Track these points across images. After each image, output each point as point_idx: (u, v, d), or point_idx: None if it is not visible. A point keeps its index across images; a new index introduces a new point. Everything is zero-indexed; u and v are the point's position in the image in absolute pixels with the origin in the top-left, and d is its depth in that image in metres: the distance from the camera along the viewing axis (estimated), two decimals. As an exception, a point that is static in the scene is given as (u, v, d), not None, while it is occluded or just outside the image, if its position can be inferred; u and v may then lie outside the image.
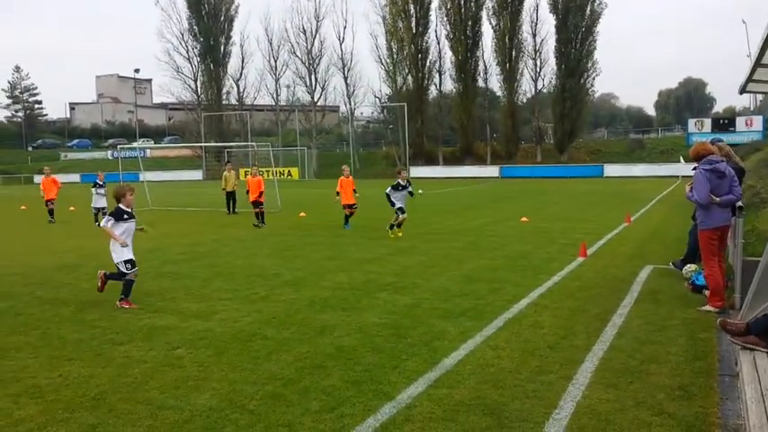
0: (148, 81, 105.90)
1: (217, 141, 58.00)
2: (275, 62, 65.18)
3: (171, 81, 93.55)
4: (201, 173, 63.67)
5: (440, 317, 6.92)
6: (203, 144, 58.69)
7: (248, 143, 44.06)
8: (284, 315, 7.15)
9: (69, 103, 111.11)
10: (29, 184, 61.42)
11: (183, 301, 7.99)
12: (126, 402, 4.65)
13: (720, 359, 5.36)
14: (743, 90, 11.74)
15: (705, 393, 4.61)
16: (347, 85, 62.88)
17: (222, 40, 65.94)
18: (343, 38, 63.16)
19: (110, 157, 71.37)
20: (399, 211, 13.75)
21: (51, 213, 20.18)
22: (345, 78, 62.71)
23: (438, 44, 59.40)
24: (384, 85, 62.85)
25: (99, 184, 18.81)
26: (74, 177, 63.04)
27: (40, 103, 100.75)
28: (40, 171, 23.31)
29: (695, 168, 7.09)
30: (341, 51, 62.61)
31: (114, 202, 7.96)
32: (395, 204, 13.76)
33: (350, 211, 15.95)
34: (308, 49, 62.74)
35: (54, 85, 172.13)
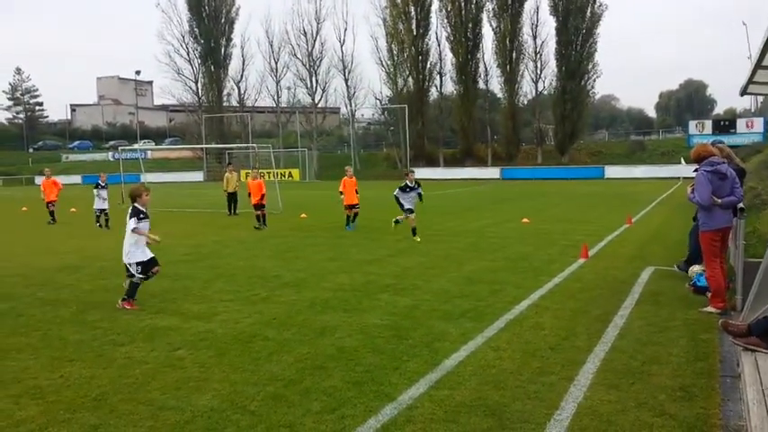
0: (149, 83, 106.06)
1: (218, 143, 58.05)
2: (276, 64, 65.33)
3: (172, 83, 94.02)
4: (202, 174, 63.69)
5: (440, 318, 6.92)
6: (204, 146, 58.78)
7: (249, 145, 44.03)
8: (285, 316, 7.16)
9: (70, 105, 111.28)
10: (30, 185, 61.44)
11: (185, 302, 8.00)
12: (127, 403, 4.65)
13: (722, 360, 5.36)
14: (743, 92, 11.76)
15: (707, 394, 4.61)
16: (348, 86, 63.02)
17: (223, 42, 66.01)
18: (344, 40, 63.31)
19: (111, 159, 71.47)
20: (408, 212, 13.57)
21: (52, 215, 20.19)
22: (346, 80, 62.84)
23: (438, 46, 59.52)
24: (385, 86, 63.00)
25: (101, 185, 18.80)
26: (75, 179, 63.06)
27: (41, 104, 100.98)
28: (41, 172, 23.29)
29: (696, 170, 7.10)
30: (341, 53, 62.70)
31: (130, 201, 7.97)
32: (403, 206, 13.62)
33: (352, 212, 15.96)
34: (308, 50, 62.85)
35: (55, 86, 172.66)
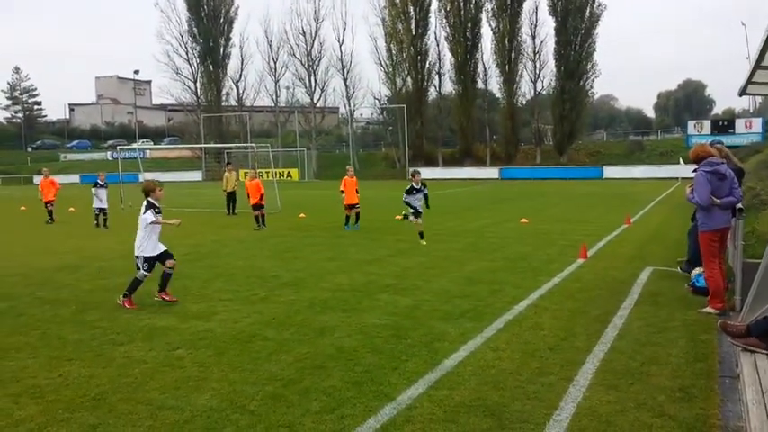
0: (148, 82, 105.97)
1: (216, 142, 57.94)
2: (275, 64, 65.18)
3: (170, 82, 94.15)
4: (201, 174, 63.66)
5: (440, 318, 6.93)
6: (203, 145, 58.71)
7: (248, 144, 44.01)
8: (284, 316, 7.16)
9: (69, 105, 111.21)
10: (28, 184, 61.31)
11: (184, 301, 7.99)
12: (126, 402, 4.65)
13: (721, 361, 5.36)
14: (742, 92, 11.76)
15: (706, 395, 4.61)
16: (347, 86, 62.86)
17: (222, 42, 65.88)
18: (343, 40, 63.17)
19: (109, 158, 71.37)
20: (413, 215, 13.18)
21: (50, 214, 20.16)
22: (345, 80, 62.71)
23: (437, 46, 59.42)
24: (383, 86, 62.96)
25: (100, 184, 18.77)
26: (73, 178, 62.99)
27: (39, 104, 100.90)
28: (40, 172, 23.24)
29: (695, 170, 7.11)
30: (340, 53, 62.57)
31: (143, 196, 8.05)
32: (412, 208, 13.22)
33: (352, 212, 15.93)
34: (307, 50, 62.74)
35: (53, 86, 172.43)
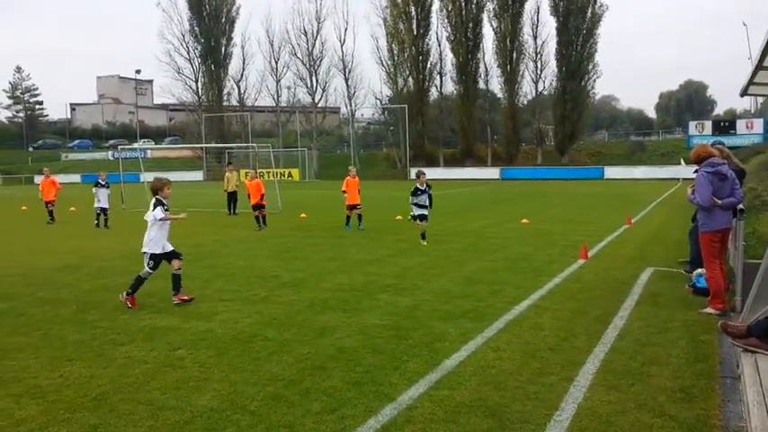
0: (149, 82, 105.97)
1: (217, 142, 57.98)
2: (276, 63, 65.27)
3: (172, 82, 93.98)
4: (202, 174, 63.68)
5: (441, 318, 6.92)
6: (204, 145, 58.73)
7: (249, 144, 44.01)
8: (285, 316, 7.16)
9: (70, 104, 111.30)
10: (29, 184, 61.37)
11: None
12: (127, 403, 4.65)
13: (722, 361, 5.36)
14: (744, 93, 11.77)
15: (706, 395, 4.61)
16: (348, 86, 62.97)
17: (223, 42, 65.98)
18: (344, 39, 63.20)
19: (110, 158, 71.42)
20: (421, 218, 12.97)
21: (51, 214, 20.15)
22: (346, 80, 62.80)
23: (439, 46, 59.52)
24: (385, 86, 62.97)
25: (101, 184, 18.77)
26: (74, 178, 63.04)
27: (40, 103, 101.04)
28: (41, 171, 23.25)
29: (697, 171, 7.11)
30: (342, 53, 62.66)
31: (151, 194, 7.99)
32: (416, 212, 13.03)
33: (354, 212, 15.92)
34: (308, 50, 62.82)
35: (55, 85, 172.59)
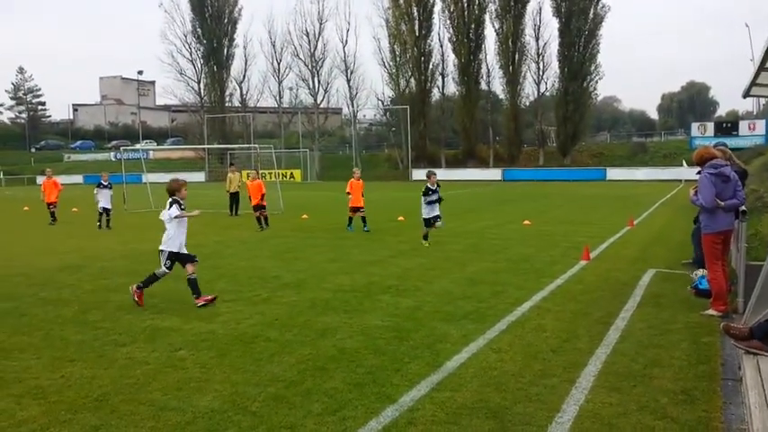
0: (152, 83, 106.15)
1: (220, 143, 58.04)
2: (278, 64, 65.32)
3: (174, 83, 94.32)
4: (204, 174, 63.72)
5: (442, 320, 6.92)
6: (206, 146, 58.81)
7: (251, 145, 44.01)
8: (286, 317, 7.16)
9: (72, 105, 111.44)
10: (32, 185, 61.52)
11: (186, 302, 7.98)
12: (128, 403, 4.65)
13: (724, 363, 5.34)
14: (746, 94, 11.75)
15: (708, 398, 4.59)
16: (350, 87, 62.93)
17: (225, 43, 66.05)
18: (346, 40, 63.10)
19: (113, 159, 71.45)
20: (433, 220, 12.75)
21: (53, 215, 20.17)
22: (348, 81, 62.77)
23: (441, 47, 59.48)
24: (387, 87, 62.82)
25: (103, 184, 18.75)
26: (77, 179, 63.15)
27: (43, 104, 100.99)
28: (43, 172, 23.26)
29: (700, 172, 7.10)
30: (344, 54, 62.60)
31: (167, 195, 8.00)
32: (431, 215, 12.74)
33: (357, 214, 15.89)
34: (310, 51, 62.83)
35: (57, 86, 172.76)
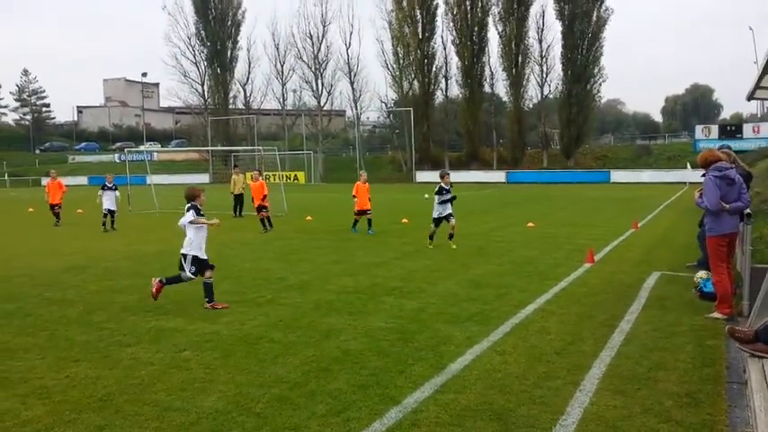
0: (156, 85, 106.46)
1: (224, 145, 58.11)
2: (282, 67, 65.36)
3: (178, 85, 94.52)
4: (208, 176, 63.82)
5: (446, 321, 6.91)
6: (210, 148, 58.86)
7: (255, 147, 44.07)
8: (290, 318, 7.17)
9: (77, 107, 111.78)
10: (36, 186, 61.60)
11: (190, 303, 8.01)
12: (133, 404, 4.66)
13: (728, 366, 5.33)
14: (750, 97, 11.73)
15: (713, 401, 4.58)
16: (353, 89, 62.90)
17: (229, 45, 66.11)
18: (350, 43, 63.51)
19: (117, 161, 71.63)
20: (445, 220, 12.64)
21: (58, 217, 20.22)
22: (352, 83, 62.76)
23: (444, 49, 59.38)
24: (390, 89, 62.90)
25: (108, 186, 18.77)
26: (81, 180, 63.39)
27: (47, 106, 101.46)
28: (48, 174, 23.34)
29: (704, 175, 7.08)
30: (347, 56, 62.62)
31: (186, 201, 8.18)
32: (442, 213, 12.63)
33: (362, 217, 15.87)
34: (314, 53, 62.89)
35: (62, 88, 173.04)
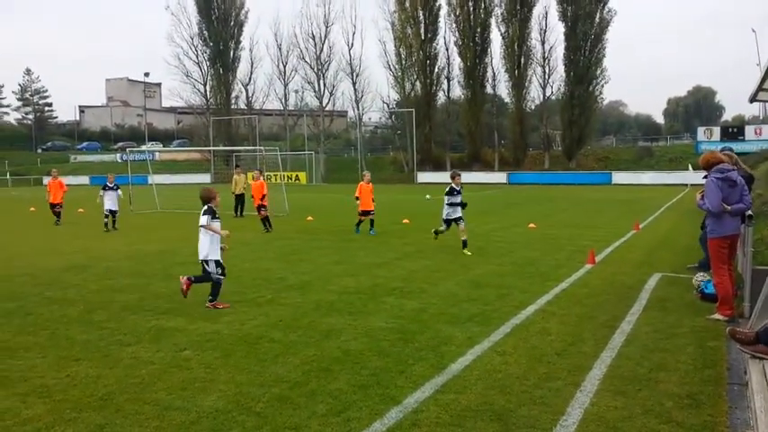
0: (158, 85, 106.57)
1: (225, 145, 58.24)
2: (284, 67, 65.38)
3: (180, 85, 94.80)
4: (210, 176, 63.85)
5: (447, 322, 6.91)
6: (212, 148, 58.92)
7: (257, 147, 44.11)
8: (291, 318, 7.17)
9: (79, 106, 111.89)
10: (38, 185, 61.70)
11: (191, 303, 8.00)
12: (133, 403, 4.67)
13: (729, 368, 5.32)
14: (753, 99, 11.68)
15: (714, 402, 4.58)
16: (356, 90, 62.89)
17: (232, 45, 66.20)
18: (352, 43, 63.42)
19: (119, 160, 71.72)
20: (455, 223, 12.42)
21: (58, 216, 20.24)
22: (354, 84, 62.76)
23: (446, 50, 59.34)
24: (392, 90, 62.82)
25: (109, 186, 18.78)
26: (83, 179, 63.46)
27: (50, 105, 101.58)
28: (49, 173, 23.36)
29: (706, 177, 7.07)
30: (349, 57, 62.65)
31: (202, 203, 8.01)
32: (452, 215, 12.48)
33: (366, 218, 15.86)
34: (316, 54, 62.94)
35: (64, 88, 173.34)
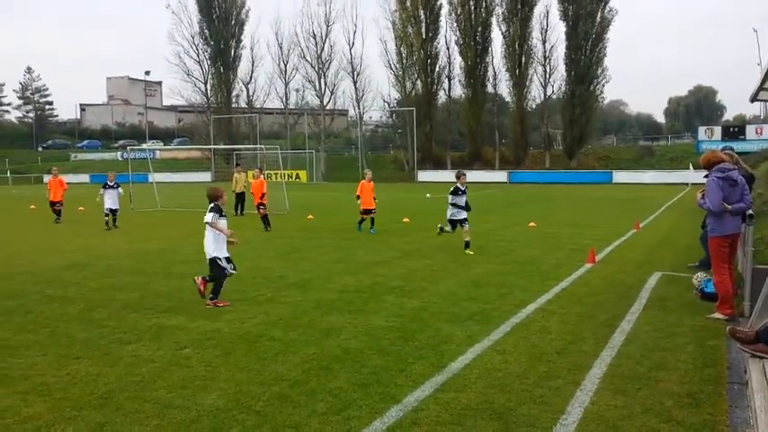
0: (159, 83, 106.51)
1: (226, 144, 58.16)
2: (285, 66, 65.37)
3: (181, 83, 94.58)
4: (210, 175, 63.86)
5: (447, 320, 6.92)
6: (212, 146, 58.94)
7: (257, 146, 44.09)
8: (291, 317, 7.17)
9: (80, 105, 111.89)
10: (39, 183, 61.70)
11: (191, 301, 8.01)
12: (133, 401, 4.67)
13: (729, 367, 5.32)
14: (754, 98, 11.67)
15: (714, 401, 4.58)
16: (356, 89, 62.89)
17: (233, 44, 66.17)
18: (353, 42, 63.29)
19: (119, 159, 71.74)
20: (459, 224, 12.26)
21: (58, 214, 20.26)
22: (355, 83, 62.76)
23: (447, 49, 59.33)
24: (393, 89, 62.84)
25: (109, 185, 18.76)
26: (83, 178, 63.43)
27: (50, 103, 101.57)
28: (50, 171, 23.38)
29: (707, 176, 7.07)
30: (350, 56, 62.64)
31: (208, 201, 8.04)
32: (456, 216, 12.25)
33: (367, 216, 15.85)
34: (317, 53, 62.94)
35: (64, 87, 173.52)
